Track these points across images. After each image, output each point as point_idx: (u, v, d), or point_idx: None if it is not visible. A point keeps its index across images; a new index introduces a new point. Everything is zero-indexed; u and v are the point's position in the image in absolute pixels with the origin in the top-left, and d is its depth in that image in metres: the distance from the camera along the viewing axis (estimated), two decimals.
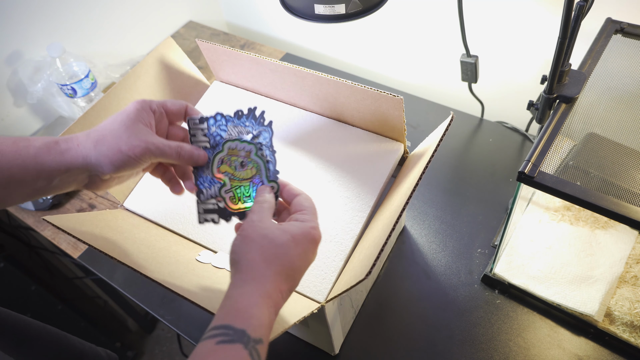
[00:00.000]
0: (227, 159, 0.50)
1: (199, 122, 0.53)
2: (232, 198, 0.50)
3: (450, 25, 0.97)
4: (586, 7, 0.55)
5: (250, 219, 0.45)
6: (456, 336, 0.71)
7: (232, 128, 0.53)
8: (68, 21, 1.03)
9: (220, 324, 0.37)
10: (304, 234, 0.44)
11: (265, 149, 0.51)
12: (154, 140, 0.47)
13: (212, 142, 0.53)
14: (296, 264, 0.43)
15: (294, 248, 0.43)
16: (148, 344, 1.51)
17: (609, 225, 0.74)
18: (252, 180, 0.50)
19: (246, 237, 0.43)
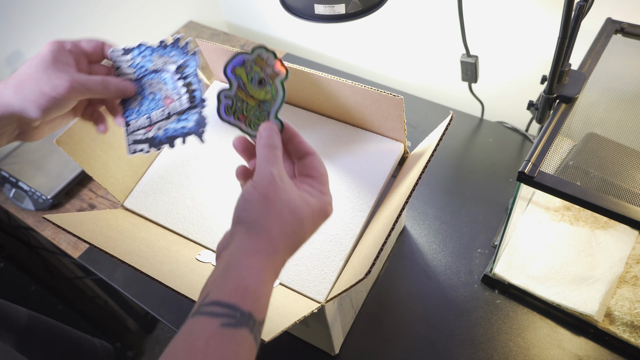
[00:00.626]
0: (249, 64, 0.42)
1: (123, 53, 0.52)
2: (227, 107, 0.44)
3: (450, 25, 0.97)
4: (586, 7, 0.55)
5: (269, 172, 0.38)
6: (456, 336, 0.71)
7: (157, 58, 0.52)
8: (68, 21, 1.03)
9: (225, 302, 0.33)
10: (321, 211, 0.40)
11: (192, 77, 0.49)
12: (76, 77, 0.45)
13: (138, 74, 0.51)
14: (305, 239, 0.39)
15: (310, 224, 0.39)
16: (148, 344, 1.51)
17: (609, 225, 0.74)
18: (260, 103, 0.43)
19: (265, 198, 0.37)
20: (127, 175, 0.69)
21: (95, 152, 0.65)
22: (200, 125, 0.49)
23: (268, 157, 0.39)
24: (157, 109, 0.51)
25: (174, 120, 0.50)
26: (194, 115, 0.49)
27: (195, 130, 0.49)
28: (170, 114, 0.50)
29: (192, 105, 0.49)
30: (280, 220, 0.37)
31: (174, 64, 0.51)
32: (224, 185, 0.68)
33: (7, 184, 0.95)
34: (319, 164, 0.43)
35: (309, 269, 0.59)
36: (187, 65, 0.50)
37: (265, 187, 0.37)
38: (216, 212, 0.66)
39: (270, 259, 0.36)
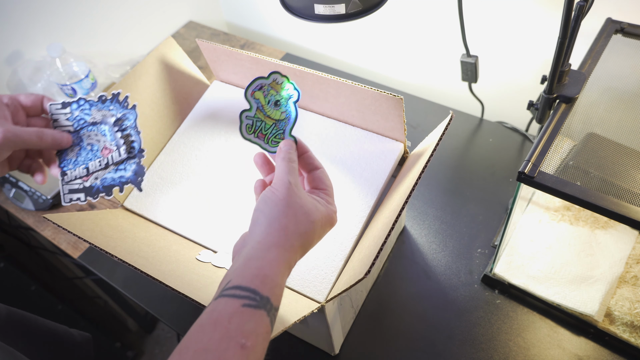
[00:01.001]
0: (266, 88, 0.48)
1: (62, 107, 0.53)
2: (248, 126, 0.49)
3: (450, 25, 0.97)
4: (586, 7, 0.55)
5: (287, 180, 0.43)
6: (456, 336, 0.71)
7: (96, 112, 0.54)
8: (68, 21, 1.03)
9: (246, 286, 0.37)
10: (328, 218, 0.45)
11: (131, 129, 0.52)
12: (10, 128, 0.47)
13: (76, 126, 0.53)
14: (314, 242, 0.44)
15: (319, 228, 0.43)
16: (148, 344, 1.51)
17: (609, 225, 0.74)
18: (276, 123, 0.49)
19: (283, 200, 0.42)
20: None
21: None
22: (138, 174, 0.52)
23: (286, 168, 0.44)
24: (94, 159, 0.52)
25: (111, 170, 0.52)
26: (132, 165, 0.52)
27: (134, 180, 0.52)
28: (108, 164, 0.52)
29: (131, 156, 0.52)
30: (295, 220, 0.41)
31: (113, 117, 0.53)
32: (224, 185, 0.68)
33: (7, 184, 0.95)
34: (326, 177, 0.48)
35: (309, 269, 0.59)
36: (126, 119, 0.53)
37: (284, 192, 0.42)
38: (216, 212, 0.66)
39: (286, 254, 0.40)
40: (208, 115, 0.75)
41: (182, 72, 0.75)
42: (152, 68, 0.71)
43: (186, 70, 0.76)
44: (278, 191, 0.43)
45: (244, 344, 0.34)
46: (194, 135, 0.73)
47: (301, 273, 0.59)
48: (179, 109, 0.76)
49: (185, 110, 0.76)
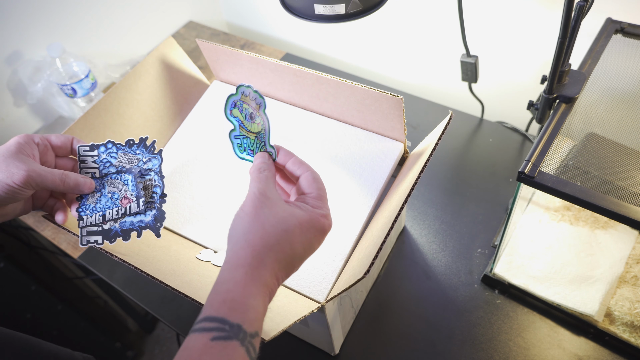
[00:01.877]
0: (239, 103, 0.47)
1: (90, 150, 0.54)
2: (239, 146, 0.49)
3: (450, 25, 0.97)
4: (586, 7, 0.55)
5: (253, 191, 0.41)
6: (456, 336, 0.71)
7: (123, 156, 0.55)
8: (68, 21, 1.03)
9: (214, 316, 0.35)
10: (312, 222, 0.41)
11: (155, 175, 0.54)
12: (35, 168, 0.47)
13: (102, 169, 0.55)
14: (298, 252, 0.40)
15: (298, 235, 0.40)
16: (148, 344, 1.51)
17: (609, 225, 0.74)
18: (257, 136, 0.48)
19: (250, 214, 0.39)
20: None
21: None
22: (158, 220, 0.53)
23: (254, 180, 0.43)
24: (112, 207, 0.53)
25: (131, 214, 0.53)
26: (153, 209, 0.53)
27: (152, 225, 0.52)
28: (125, 214, 0.53)
29: (150, 205, 0.53)
30: (263, 233, 0.38)
31: (138, 163, 0.55)
32: (224, 185, 0.68)
33: None
34: (314, 180, 0.45)
35: (309, 269, 0.59)
36: (151, 165, 0.54)
37: (249, 206, 0.40)
38: (216, 212, 0.66)
39: (255, 272, 0.37)
40: (208, 115, 0.75)
41: (182, 72, 0.75)
42: (152, 68, 0.71)
43: (186, 70, 0.76)
44: (245, 205, 0.40)
45: None
46: (194, 135, 0.73)
47: (301, 273, 0.59)
48: (179, 109, 0.76)
49: (185, 110, 0.76)
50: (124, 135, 0.69)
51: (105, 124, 0.66)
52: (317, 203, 0.43)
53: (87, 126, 0.64)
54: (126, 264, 0.52)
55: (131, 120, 0.70)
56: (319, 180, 0.45)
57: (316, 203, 0.43)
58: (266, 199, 0.41)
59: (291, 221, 0.40)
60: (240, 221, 0.40)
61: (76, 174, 0.51)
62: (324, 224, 0.42)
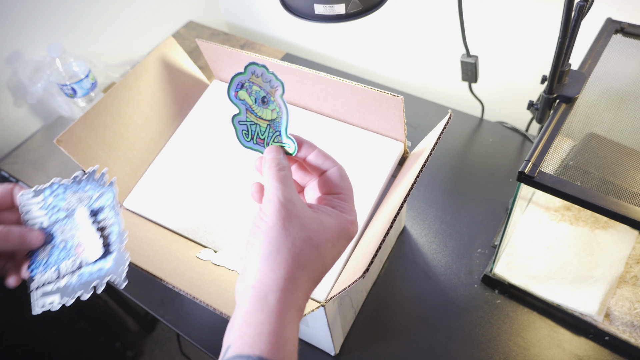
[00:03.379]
0: (247, 85, 0.40)
1: (34, 195, 0.48)
2: (245, 133, 0.41)
3: (450, 25, 0.97)
4: (586, 7, 0.55)
5: (276, 198, 0.35)
6: (456, 336, 0.71)
7: (71, 195, 0.48)
8: (68, 21, 1.03)
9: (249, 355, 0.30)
10: (342, 232, 0.36)
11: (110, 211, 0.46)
12: None
13: (50, 216, 0.48)
14: (328, 266, 0.36)
15: (330, 249, 0.35)
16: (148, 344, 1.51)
17: (609, 225, 0.74)
18: (270, 123, 0.41)
19: (275, 228, 0.34)
20: (127, 175, 0.69)
21: (96, 152, 0.65)
22: (119, 263, 0.45)
23: (275, 181, 0.36)
24: (67, 258, 0.47)
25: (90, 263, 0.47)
26: (113, 253, 0.46)
27: (115, 271, 0.45)
28: (82, 264, 0.47)
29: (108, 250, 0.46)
30: (295, 252, 0.33)
31: (89, 201, 0.48)
32: (224, 184, 0.68)
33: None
34: (341, 177, 0.39)
35: None
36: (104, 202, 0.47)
37: (274, 217, 0.34)
38: (216, 212, 0.66)
39: (289, 297, 0.33)
40: (208, 114, 0.75)
41: (182, 71, 0.75)
42: (152, 68, 0.71)
43: (186, 70, 0.76)
44: (267, 217, 0.34)
45: None
46: (194, 135, 0.73)
47: None
48: (179, 109, 0.76)
49: (185, 110, 0.76)
50: (124, 135, 0.69)
51: (105, 124, 0.66)
52: (346, 206, 0.38)
53: (87, 126, 0.64)
54: None
55: (131, 120, 0.70)
56: (347, 177, 0.40)
57: (345, 206, 0.38)
58: (293, 207, 0.35)
59: (323, 235, 0.35)
60: (265, 237, 0.34)
61: (20, 228, 0.45)
62: (352, 232, 0.37)
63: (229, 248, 0.63)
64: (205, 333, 0.72)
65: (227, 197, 0.67)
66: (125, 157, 0.69)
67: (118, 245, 0.46)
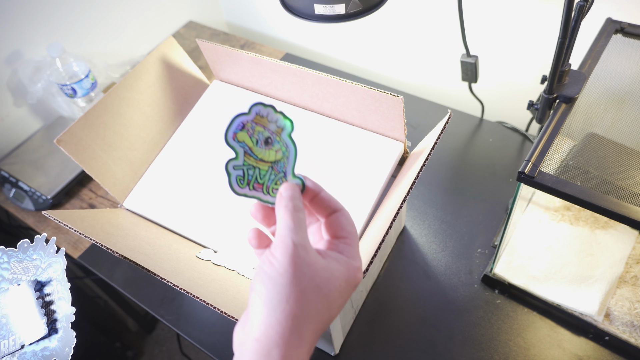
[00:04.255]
0: (250, 125, 0.37)
1: None
2: (239, 178, 0.38)
3: (450, 25, 0.97)
4: (586, 7, 0.55)
5: (290, 242, 0.32)
6: (456, 336, 0.71)
7: (17, 265, 0.45)
8: (68, 21, 1.03)
9: None
10: (349, 280, 0.34)
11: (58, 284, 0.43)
12: None
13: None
14: (333, 315, 0.34)
15: (337, 298, 0.33)
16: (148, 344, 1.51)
17: (609, 225, 0.74)
18: (273, 165, 0.38)
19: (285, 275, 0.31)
20: (127, 175, 0.70)
21: (96, 152, 0.65)
22: (65, 344, 0.43)
23: (290, 222, 0.33)
24: (8, 337, 0.44)
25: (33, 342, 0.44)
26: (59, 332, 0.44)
27: (60, 352, 0.43)
28: (24, 344, 0.44)
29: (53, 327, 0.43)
30: (303, 302, 0.31)
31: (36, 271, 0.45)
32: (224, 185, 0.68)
33: (7, 184, 0.95)
34: (347, 222, 0.37)
35: None
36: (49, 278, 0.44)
37: (285, 262, 0.31)
38: (216, 212, 0.66)
39: (294, 352, 0.31)
40: (208, 114, 0.75)
41: (182, 71, 0.75)
42: (153, 67, 0.71)
43: (187, 70, 0.76)
44: (278, 261, 0.32)
45: None
46: (194, 135, 0.73)
47: None
48: (179, 109, 0.76)
49: (185, 110, 0.76)
50: (124, 135, 0.69)
51: (105, 123, 0.66)
52: (352, 252, 0.36)
53: (87, 126, 0.64)
54: (127, 260, 0.52)
55: (131, 120, 0.70)
56: (352, 221, 0.38)
57: (351, 252, 0.36)
58: (306, 254, 0.32)
59: (332, 284, 0.33)
60: (273, 284, 0.31)
61: None
62: (358, 279, 0.36)
63: (229, 248, 0.63)
64: (205, 333, 0.72)
65: (227, 197, 0.67)
66: (125, 157, 0.69)
67: (65, 323, 0.43)
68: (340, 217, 0.37)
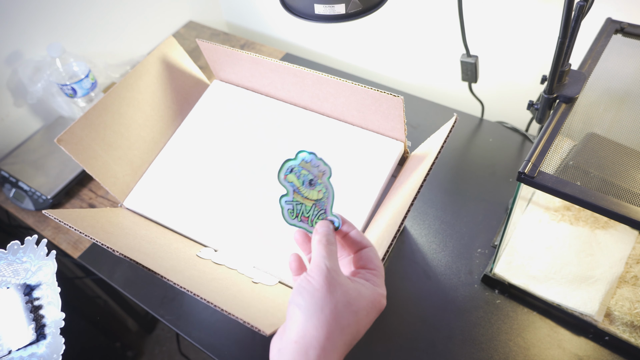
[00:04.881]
0: (297, 169, 0.45)
1: None
2: (290, 212, 0.46)
3: (450, 25, 0.97)
4: (586, 7, 0.55)
5: (324, 266, 0.39)
6: (456, 336, 0.71)
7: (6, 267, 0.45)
8: (68, 21, 1.03)
9: None
10: (374, 303, 0.40)
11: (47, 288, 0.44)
12: None
13: None
14: (360, 333, 0.39)
15: (364, 317, 0.39)
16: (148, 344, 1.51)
17: (609, 225, 0.74)
18: (316, 203, 0.46)
19: (321, 290, 0.37)
20: (128, 174, 0.70)
21: (96, 152, 0.65)
22: (54, 350, 0.43)
23: (323, 252, 0.40)
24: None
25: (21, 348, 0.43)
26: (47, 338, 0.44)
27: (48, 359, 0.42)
28: (11, 350, 0.43)
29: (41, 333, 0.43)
30: (336, 314, 0.37)
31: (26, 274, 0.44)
32: (224, 184, 0.68)
33: (7, 184, 0.95)
34: (375, 257, 0.43)
35: None
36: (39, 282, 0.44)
37: (321, 281, 0.38)
38: (216, 211, 0.66)
39: (327, 356, 0.36)
40: (208, 114, 0.75)
41: (182, 71, 0.75)
42: (153, 67, 0.71)
43: (187, 69, 0.76)
44: (314, 280, 0.38)
45: None
46: (194, 135, 0.73)
47: None
48: (179, 109, 0.76)
49: (186, 110, 0.76)
50: (124, 135, 0.69)
51: (105, 123, 0.66)
52: (378, 282, 0.42)
53: (88, 126, 0.64)
54: (127, 259, 0.52)
55: (132, 120, 0.70)
56: (379, 257, 0.44)
57: (377, 282, 0.42)
58: (337, 275, 0.39)
59: (361, 303, 0.39)
60: (311, 297, 0.37)
61: None
62: (383, 304, 0.41)
63: (229, 247, 0.63)
64: (205, 333, 0.72)
65: (227, 197, 0.67)
66: (125, 157, 0.69)
67: (53, 329, 0.43)
68: (368, 252, 0.43)
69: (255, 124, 0.72)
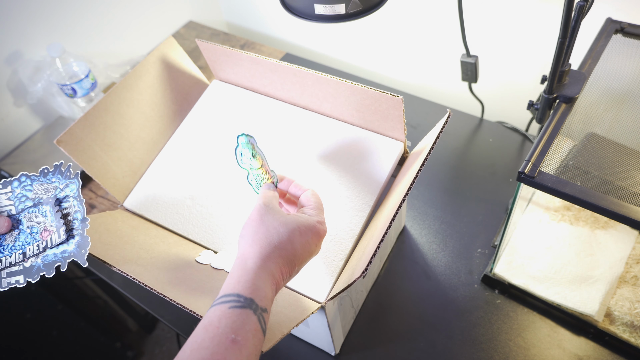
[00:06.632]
0: (244, 152, 0.54)
1: (2, 187, 0.53)
2: (257, 185, 0.56)
3: (450, 25, 0.97)
4: (586, 7, 0.55)
5: (257, 204, 0.50)
6: (456, 336, 0.71)
7: (38, 186, 0.54)
8: (68, 21, 1.03)
9: (230, 292, 0.42)
10: (308, 226, 0.48)
11: (74, 200, 0.53)
12: None
13: (18, 205, 0.53)
14: (298, 252, 0.47)
15: (298, 237, 0.47)
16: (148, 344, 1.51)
17: (609, 225, 0.74)
18: (262, 166, 0.54)
19: (255, 220, 0.48)
20: (127, 175, 0.69)
21: (96, 152, 0.65)
22: (82, 247, 0.51)
23: (260, 197, 0.51)
24: (33, 242, 0.51)
25: (54, 246, 0.51)
26: (76, 237, 0.51)
27: (77, 253, 0.51)
28: (47, 247, 0.51)
29: (71, 234, 0.51)
30: (267, 234, 0.46)
31: (55, 191, 0.53)
32: (224, 185, 0.68)
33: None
34: (311, 195, 0.53)
35: (309, 269, 0.59)
36: (69, 191, 0.53)
37: (255, 214, 0.49)
38: (216, 212, 0.66)
39: (263, 263, 0.44)
40: (208, 114, 0.75)
41: (182, 71, 0.75)
42: (153, 68, 0.71)
43: (186, 70, 0.76)
44: (252, 215, 0.49)
45: (234, 339, 0.38)
46: (194, 135, 0.73)
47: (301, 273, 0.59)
48: (179, 109, 0.76)
49: (185, 110, 0.76)
50: (124, 135, 0.69)
51: (105, 123, 0.66)
52: (314, 212, 0.51)
53: (87, 126, 0.64)
54: (124, 275, 0.53)
55: (132, 120, 0.70)
56: (317, 196, 0.53)
57: (313, 212, 0.51)
58: (269, 208, 0.49)
59: (291, 225, 0.47)
60: (248, 227, 0.48)
61: None
62: (319, 229, 0.49)
63: (229, 248, 0.63)
64: None
65: (227, 197, 0.67)
66: (125, 157, 0.69)
67: (80, 230, 0.51)
68: (306, 194, 0.54)
69: (255, 124, 0.72)
